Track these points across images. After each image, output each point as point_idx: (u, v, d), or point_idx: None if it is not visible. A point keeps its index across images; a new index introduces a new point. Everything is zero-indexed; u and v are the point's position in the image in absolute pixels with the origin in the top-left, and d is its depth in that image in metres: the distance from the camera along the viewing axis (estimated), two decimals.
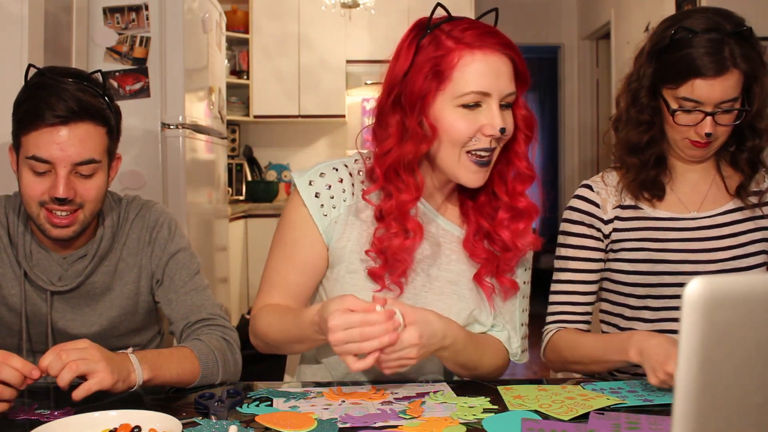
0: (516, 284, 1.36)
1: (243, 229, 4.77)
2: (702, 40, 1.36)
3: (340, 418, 1.09)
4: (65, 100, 1.31)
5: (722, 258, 1.44)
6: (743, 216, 1.48)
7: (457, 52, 1.20)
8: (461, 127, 1.21)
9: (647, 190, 1.48)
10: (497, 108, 1.21)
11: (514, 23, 6.24)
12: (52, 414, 1.13)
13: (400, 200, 1.26)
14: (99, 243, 1.47)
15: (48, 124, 1.31)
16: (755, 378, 0.59)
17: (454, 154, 1.23)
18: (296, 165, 5.65)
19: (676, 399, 0.57)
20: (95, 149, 1.35)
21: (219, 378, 1.33)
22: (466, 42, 1.21)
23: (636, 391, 1.24)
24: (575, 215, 1.53)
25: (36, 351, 1.48)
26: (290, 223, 1.35)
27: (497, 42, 1.22)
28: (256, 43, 5.28)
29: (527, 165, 1.30)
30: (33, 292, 1.45)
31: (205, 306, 1.46)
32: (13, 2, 2.17)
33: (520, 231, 1.31)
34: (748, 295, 0.57)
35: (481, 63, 1.20)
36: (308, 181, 1.33)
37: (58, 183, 1.32)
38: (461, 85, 1.20)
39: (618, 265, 1.50)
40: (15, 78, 2.17)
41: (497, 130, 1.21)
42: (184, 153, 2.99)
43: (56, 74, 1.37)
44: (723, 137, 1.42)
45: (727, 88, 1.35)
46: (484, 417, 1.10)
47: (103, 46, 2.88)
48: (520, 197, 1.30)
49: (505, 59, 1.23)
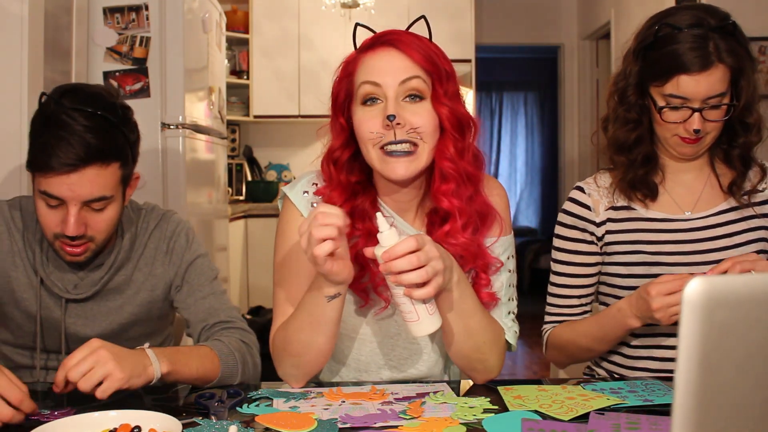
0: (494, 296, 1.32)
1: (243, 229, 4.77)
2: (686, 36, 1.35)
3: (340, 419, 1.09)
4: (74, 146, 1.29)
5: (718, 259, 1.42)
6: (738, 216, 1.46)
7: (360, 56, 1.28)
8: (364, 123, 1.25)
9: (638, 189, 1.47)
10: (393, 98, 1.23)
11: (514, 23, 6.26)
12: (52, 414, 1.13)
13: (327, 196, 1.30)
14: (117, 254, 1.49)
15: (57, 172, 1.30)
16: (755, 378, 0.59)
17: (371, 152, 1.25)
18: (296, 165, 5.65)
19: (676, 399, 0.57)
20: (106, 187, 1.35)
21: (238, 378, 1.35)
22: (365, 47, 1.29)
23: (636, 391, 1.24)
24: (568, 219, 1.53)
25: (50, 351, 1.50)
26: (290, 238, 1.33)
27: (387, 39, 1.26)
28: (256, 43, 5.28)
29: (450, 165, 1.26)
30: (48, 299, 1.46)
31: (222, 309, 1.48)
32: (13, 2, 2.17)
33: (444, 234, 1.27)
34: (748, 295, 0.57)
35: (371, 59, 1.27)
36: (302, 191, 1.34)
37: (68, 220, 1.33)
38: (357, 82, 1.27)
39: (613, 269, 1.49)
40: (15, 78, 2.17)
41: (386, 118, 1.22)
42: (184, 153, 2.99)
43: (71, 105, 1.32)
44: (714, 133, 1.40)
45: (713, 83, 1.34)
46: (484, 417, 1.10)
47: (103, 46, 2.88)
48: (442, 198, 1.27)
49: (394, 51, 1.25)
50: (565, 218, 1.53)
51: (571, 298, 1.53)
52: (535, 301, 1.46)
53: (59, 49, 2.47)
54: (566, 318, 1.53)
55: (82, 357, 1.12)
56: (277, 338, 1.29)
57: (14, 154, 2.16)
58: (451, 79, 1.27)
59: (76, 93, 1.36)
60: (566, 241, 1.52)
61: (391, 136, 1.22)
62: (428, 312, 1.12)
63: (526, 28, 6.25)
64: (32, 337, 1.48)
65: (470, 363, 1.29)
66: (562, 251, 1.53)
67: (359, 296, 1.30)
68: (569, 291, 1.53)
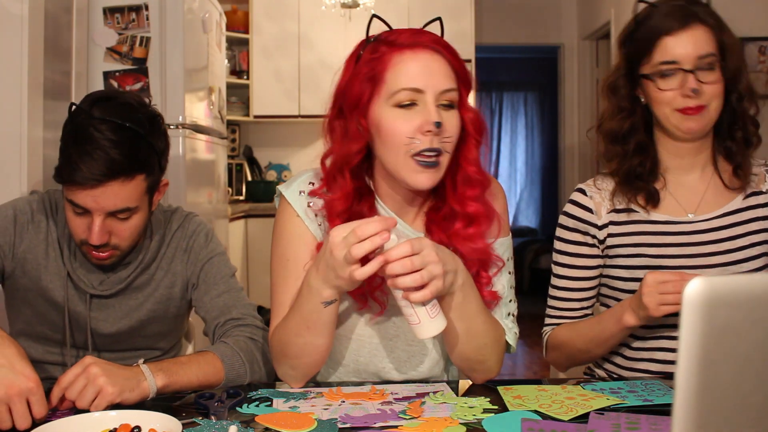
0: (495, 294, 1.32)
1: (243, 229, 4.77)
2: (663, 8, 1.40)
3: (340, 419, 1.09)
4: (97, 161, 1.31)
5: (721, 262, 1.41)
6: (742, 218, 1.44)
7: (389, 55, 1.22)
8: (398, 127, 1.21)
9: (638, 192, 1.45)
10: (433, 104, 1.20)
11: (514, 23, 6.25)
12: (52, 414, 1.13)
13: (329, 200, 1.27)
14: (144, 255, 1.52)
15: (81, 186, 1.33)
16: (755, 378, 0.59)
17: (398, 157, 1.22)
18: (296, 165, 5.65)
19: (676, 399, 0.57)
20: (130, 198, 1.37)
21: (247, 378, 1.35)
22: (398, 44, 1.22)
23: (636, 391, 1.23)
24: (570, 221, 1.52)
25: (79, 347, 1.53)
26: (288, 238, 1.32)
27: (428, 40, 1.23)
28: (256, 43, 5.28)
29: (476, 170, 1.27)
30: (74, 292, 1.49)
31: (236, 306, 1.49)
32: (13, 2, 2.17)
33: (469, 236, 1.27)
34: (748, 295, 0.57)
35: (411, 60, 1.21)
36: (298, 191, 1.33)
37: (93, 229, 1.36)
38: (393, 84, 1.21)
39: (615, 272, 1.49)
40: (15, 78, 2.17)
41: (432, 125, 1.19)
42: (184, 153, 2.99)
43: (100, 115, 1.34)
44: (715, 103, 1.38)
45: (698, 39, 1.36)
46: (484, 417, 1.10)
47: (103, 46, 2.88)
48: (469, 202, 1.27)
49: (438, 56, 1.22)
50: (566, 221, 1.52)
51: (571, 301, 1.52)
52: (535, 301, 1.46)
53: (59, 49, 2.47)
54: (567, 321, 1.53)
55: (74, 375, 1.13)
56: (275, 340, 1.29)
57: (14, 154, 2.16)
58: (471, 84, 1.27)
59: (106, 102, 1.38)
60: (567, 243, 1.52)
61: (427, 143, 1.20)
62: (429, 315, 1.12)
63: (526, 28, 6.25)
64: (63, 332, 1.51)
65: (470, 364, 1.28)
66: (563, 254, 1.53)
67: (356, 300, 1.30)
68: (570, 294, 1.52)
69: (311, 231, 1.30)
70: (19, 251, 1.48)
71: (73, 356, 1.52)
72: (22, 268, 1.48)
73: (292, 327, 1.23)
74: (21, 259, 1.48)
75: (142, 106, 1.42)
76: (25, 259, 1.48)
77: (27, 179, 2.17)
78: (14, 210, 1.49)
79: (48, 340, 1.53)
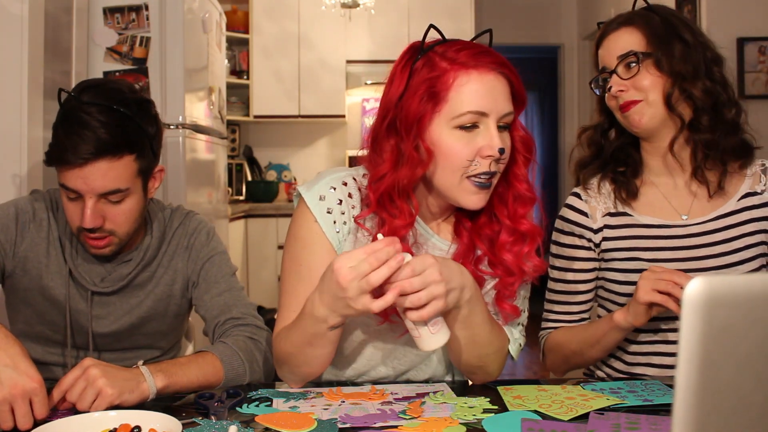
0: (517, 309, 1.32)
1: (243, 229, 4.76)
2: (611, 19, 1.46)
3: (340, 419, 1.09)
4: (86, 141, 1.32)
5: (716, 265, 1.40)
6: (736, 220, 1.43)
7: (452, 73, 1.18)
8: (459, 150, 1.18)
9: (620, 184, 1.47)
10: (495, 128, 1.18)
11: (514, 23, 6.25)
12: (52, 414, 1.13)
13: (393, 226, 1.23)
14: (145, 252, 1.52)
15: (71, 165, 1.34)
16: (755, 378, 0.59)
17: (454, 179, 1.20)
18: (296, 165, 5.64)
19: (676, 399, 0.57)
20: (119, 179, 1.37)
21: (247, 377, 1.35)
22: (461, 62, 1.18)
23: (636, 391, 1.24)
24: (565, 225, 1.52)
25: (79, 347, 1.53)
26: (303, 242, 1.28)
27: (493, 61, 1.19)
28: (256, 43, 5.28)
29: (527, 187, 1.27)
30: (75, 290, 1.50)
31: (237, 305, 1.49)
32: (13, 2, 2.17)
33: (524, 254, 1.26)
34: (748, 295, 0.57)
35: (477, 82, 1.18)
36: (318, 195, 1.27)
37: (85, 213, 1.37)
38: (457, 105, 1.17)
39: (611, 275, 1.48)
40: (15, 78, 2.17)
41: (496, 151, 1.17)
42: (184, 153, 2.99)
43: (88, 100, 1.36)
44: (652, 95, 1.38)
45: (619, 40, 1.41)
46: (484, 417, 1.10)
47: (103, 46, 2.88)
48: (522, 220, 1.26)
49: (501, 78, 1.20)
50: (561, 224, 1.52)
51: (569, 305, 1.53)
52: (534, 301, 1.45)
53: (59, 49, 2.47)
54: (564, 325, 1.53)
55: (74, 378, 1.13)
56: (278, 347, 1.27)
57: (14, 154, 2.17)
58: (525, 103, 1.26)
59: (95, 88, 1.40)
60: (563, 247, 1.52)
61: (486, 167, 1.19)
62: (430, 331, 1.11)
63: (526, 28, 6.24)
64: (63, 333, 1.51)
65: (471, 369, 1.29)
66: (559, 258, 1.53)
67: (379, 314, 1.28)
68: (567, 297, 1.52)
69: (328, 238, 1.27)
70: (21, 250, 1.48)
71: (74, 356, 1.52)
72: (23, 267, 1.49)
73: (296, 342, 1.21)
74: (22, 258, 1.48)
75: (131, 91, 1.43)
76: (26, 258, 1.48)
77: (27, 179, 2.17)
78: (16, 208, 1.49)
79: (48, 340, 1.53)
